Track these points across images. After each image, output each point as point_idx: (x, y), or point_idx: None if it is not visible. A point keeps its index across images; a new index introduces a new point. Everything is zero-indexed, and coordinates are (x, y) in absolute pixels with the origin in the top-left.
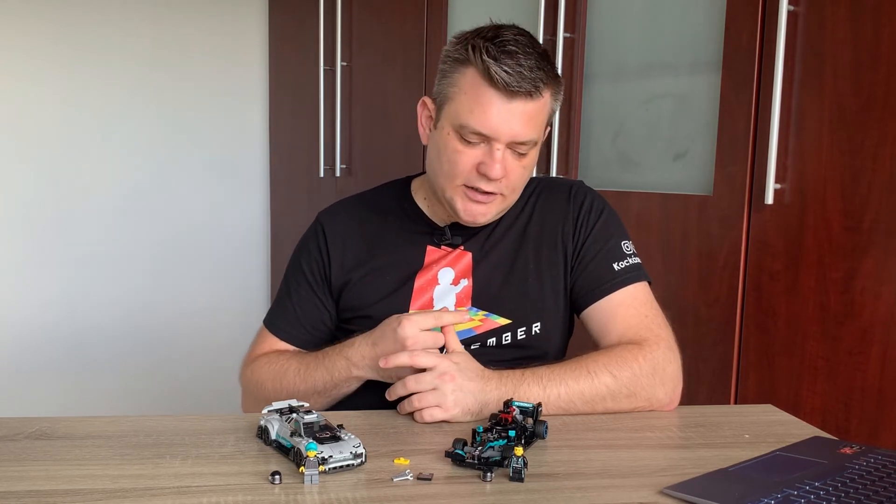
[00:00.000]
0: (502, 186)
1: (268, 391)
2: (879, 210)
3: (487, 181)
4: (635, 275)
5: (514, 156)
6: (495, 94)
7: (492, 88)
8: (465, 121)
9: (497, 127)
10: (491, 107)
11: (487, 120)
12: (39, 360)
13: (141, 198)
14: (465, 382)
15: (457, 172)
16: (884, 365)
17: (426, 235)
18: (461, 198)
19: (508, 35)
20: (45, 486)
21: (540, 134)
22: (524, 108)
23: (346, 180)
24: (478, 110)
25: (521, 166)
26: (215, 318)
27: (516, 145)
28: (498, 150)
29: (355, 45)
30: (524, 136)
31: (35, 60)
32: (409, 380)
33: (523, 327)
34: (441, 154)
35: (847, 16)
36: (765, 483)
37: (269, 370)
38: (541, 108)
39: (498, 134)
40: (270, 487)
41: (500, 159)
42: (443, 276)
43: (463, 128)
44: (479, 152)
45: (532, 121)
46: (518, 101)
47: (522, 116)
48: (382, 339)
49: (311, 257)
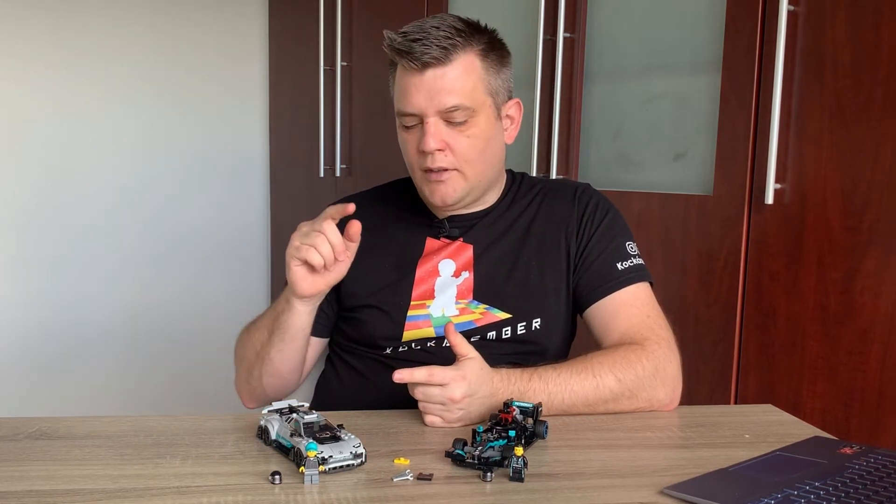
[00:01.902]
0: (451, 160)
1: (240, 348)
2: (879, 210)
3: (429, 156)
4: (638, 275)
5: (452, 127)
6: (410, 73)
7: (406, 71)
8: (398, 108)
9: (417, 102)
10: (409, 85)
11: (408, 97)
12: (39, 360)
13: (141, 198)
14: (472, 402)
15: (410, 160)
16: (884, 365)
17: (425, 227)
18: (425, 183)
19: (416, 24)
20: (45, 486)
21: (473, 101)
22: (438, 74)
23: (346, 180)
24: (401, 93)
25: (464, 136)
26: (216, 318)
27: (446, 114)
28: (429, 123)
29: (355, 45)
30: (447, 102)
31: (34, 60)
32: (419, 391)
33: (523, 322)
34: (402, 149)
35: (847, 16)
36: (765, 483)
37: (247, 327)
38: (462, 72)
39: (421, 107)
40: (270, 487)
41: (432, 132)
42: (444, 267)
43: (400, 116)
44: (417, 133)
45: (455, 87)
46: (430, 70)
47: (439, 83)
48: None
49: None
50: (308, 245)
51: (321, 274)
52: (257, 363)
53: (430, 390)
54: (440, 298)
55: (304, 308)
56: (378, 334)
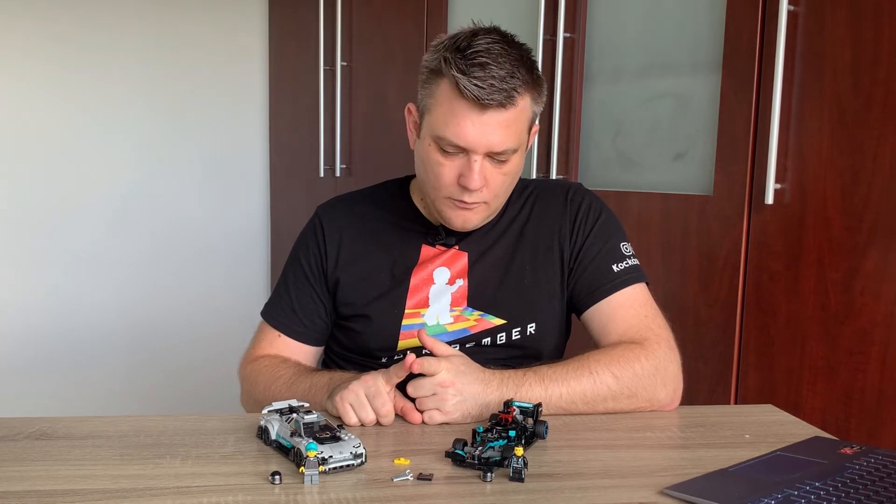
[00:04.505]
0: (484, 195)
1: (258, 392)
2: (879, 210)
3: (469, 193)
4: (635, 276)
5: (494, 164)
6: (468, 106)
7: (464, 101)
8: (441, 133)
9: (472, 140)
10: (465, 119)
11: (462, 133)
12: (39, 360)
13: (141, 197)
14: (465, 387)
15: (440, 185)
16: (884, 365)
17: (421, 234)
18: (448, 208)
19: (481, 44)
20: (45, 486)
21: (519, 141)
22: (498, 118)
23: (346, 180)
24: (452, 123)
25: (501, 174)
26: (216, 317)
27: (494, 155)
28: (475, 161)
29: (355, 45)
30: (500, 146)
31: (34, 60)
32: (410, 385)
33: (518, 327)
34: (425, 164)
35: (847, 16)
36: (765, 483)
37: (266, 373)
38: (517, 115)
39: (473, 146)
40: (270, 487)
41: (479, 171)
42: (438, 275)
43: (441, 140)
44: (458, 164)
45: (508, 130)
46: (491, 111)
47: (497, 127)
48: (360, 407)
49: (308, 250)
50: (360, 406)
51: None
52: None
53: (420, 381)
54: (434, 306)
55: None
56: (373, 344)
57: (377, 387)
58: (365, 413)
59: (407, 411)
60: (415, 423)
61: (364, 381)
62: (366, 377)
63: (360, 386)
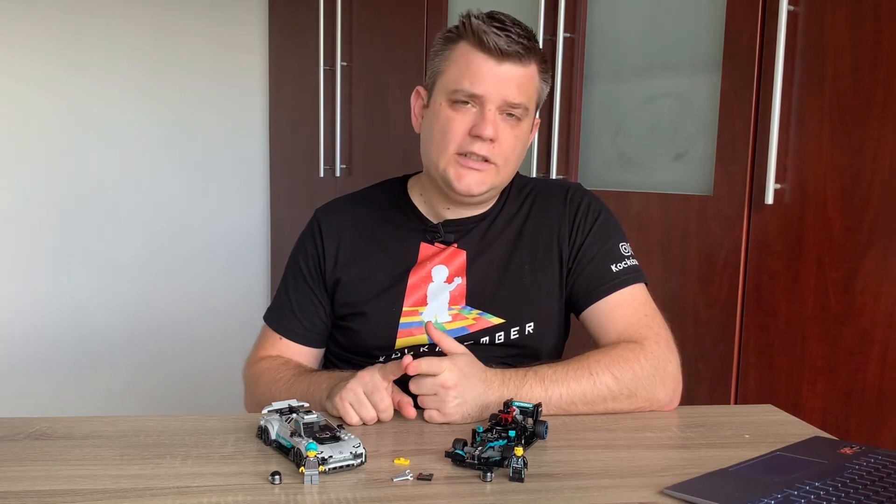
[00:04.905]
0: (495, 153)
1: (259, 394)
2: (879, 210)
3: (480, 143)
4: (633, 276)
5: (506, 122)
6: (486, 57)
7: (482, 53)
8: (458, 85)
9: (488, 88)
10: (482, 69)
11: (479, 81)
12: (39, 360)
13: (141, 198)
14: (466, 390)
15: (450, 139)
16: (884, 365)
17: (420, 232)
18: (455, 167)
19: (497, 14)
20: (45, 486)
21: (531, 103)
22: (514, 71)
23: (346, 180)
24: (469, 74)
25: (512, 135)
26: (216, 317)
27: (508, 108)
28: (490, 110)
29: (355, 45)
30: (515, 97)
31: (34, 61)
32: (412, 383)
33: (516, 327)
34: (434, 126)
35: (847, 16)
36: (765, 483)
37: (266, 375)
38: (530, 77)
39: (489, 94)
40: (270, 487)
41: (492, 119)
42: (437, 273)
43: (455, 92)
44: (470, 116)
45: (522, 86)
46: (508, 63)
47: (513, 79)
48: (360, 406)
49: (307, 253)
50: (360, 404)
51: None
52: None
53: (423, 380)
54: (433, 304)
55: None
56: (371, 343)
57: (375, 382)
58: (365, 411)
59: (403, 405)
60: (409, 417)
61: (361, 378)
62: (362, 374)
63: (357, 384)
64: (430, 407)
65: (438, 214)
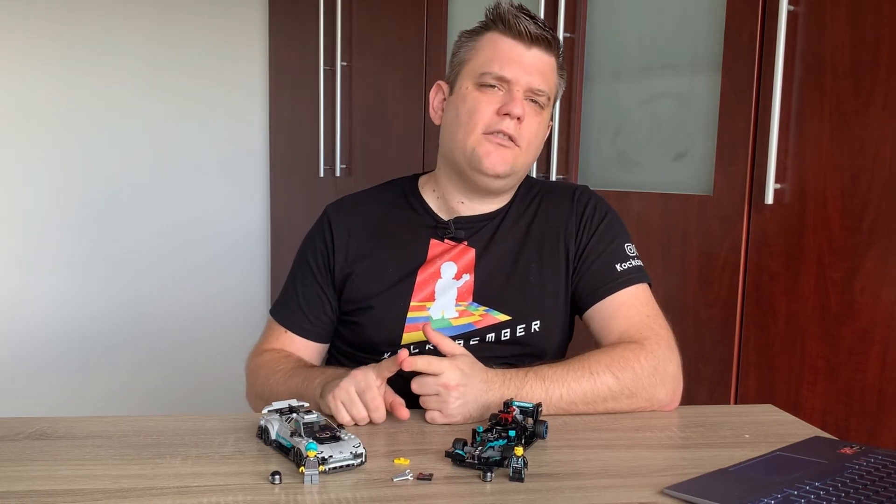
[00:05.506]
0: (521, 133)
1: (258, 385)
2: (879, 210)
3: (509, 121)
4: (637, 276)
5: (531, 107)
6: (516, 42)
7: (512, 38)
8: (486, 69)
9: (517, 71)
10: (511, 53)
11: (508, 64)
12: (39, 359)
13: (140, 198)
14: (467, 390)
15: (478, 119)
16: (884, 365)
17: (430, 229)
18: (483, 144)
19: (522, 6)
20: (45, 486)
21: (552, 93)
22: (541, 58)
23: (346, 180)
24: (498, 58)
25: (536, 121)
26: (215, 317)
27: (533, 94)
28: (518, 91)
29: (355, 45)
30: (540, 83)
31: (35, 61)
32: (414, 382)
33: (523, 324)
34: (460, 109)
35: (847, 16)
36: (765, 483)
37: (266, 367)
38: (552, 68)
39: (517, 77)
40: (270, 487)
41: (521, 99)
42: (445, 270)
43: (484, 75)
44: (499, 97)
45: (546, 74)
46: (536, 49)
47: (539, 66)
48: (352, 405)
49: (315, 248)
50: (351, 403)
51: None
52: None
53: (425, 380)
54: (440, 300)
55: None
56: (377, 337)
57: (367, 381)
58: (356, 410)
59: (395, 406)
60: (402, 419)
61: (354, 376)
62: (356, 373)
63: (350, 383)
64: (432, 407)
65: (450, 211)
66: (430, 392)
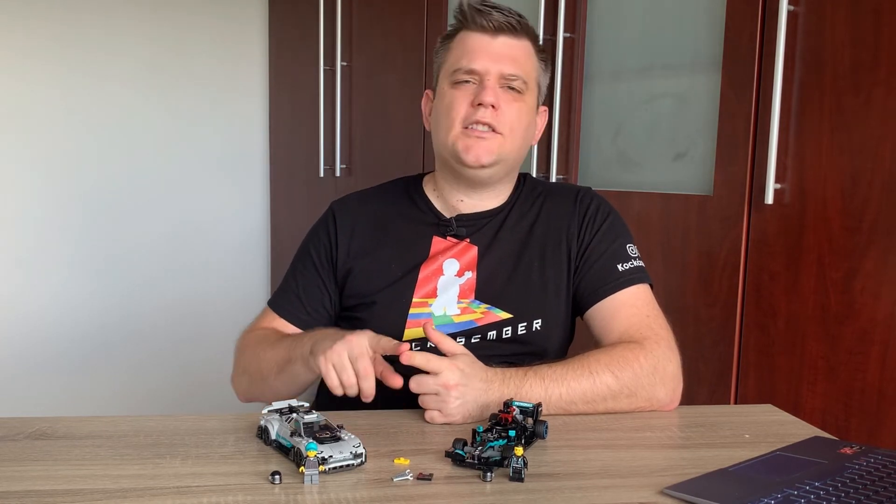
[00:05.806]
0: (499, 121)
1: (245, 359)
2: (879, 210)
3: (483, 110)
4: (639, 276)
5: (507, 94)
6: (481, 35)
7: (477, 32)
8: (457, 66)
9: (485, 61)
10: (477, 45)
11: (476, 56)
12: (39, 359)
13: (140, 198)
14: (467, 390)
15: (455, 114)
16: (884, 365)
17: (433, 226)
18: (462, 139)
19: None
20: (45, 486)
21: (529, 78)
22: (509, 43)
23: (346, 180)
24: (466, 53)
25: (515, 107)
26: (216, 317)
27: (506, 80)
28: (489, 80)
29: (355, 45)
30: (513, 68)
31: (35, 61)
32: (413, 381)
33: (524, 322)
34: (440, 109)
35: (847, 16)
36: (765, 483)
37: (257, 339)
38: (525, 51)
39: (487, 67)
40: (270, 487)
41: (492, 87)
42: (448, 266)
43: (456, 72)
44: (472, 90)
45: (517, 59)
46: (502, 37)
47: (508, 52)
48: (342, 370)
49: (319, 241)
50: (342, 368)
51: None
52: (259, 382)
53: (424, 379)
54: (442, 297)
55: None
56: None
57: (361, 348)
58: (346, 375)
59: (387, 375)
60: (395, 387)
61: (349, 341)
62: (350, 337)
63: (344, 347)
64: (431, 407)
65: (452, 209)
66: (430, 391)
